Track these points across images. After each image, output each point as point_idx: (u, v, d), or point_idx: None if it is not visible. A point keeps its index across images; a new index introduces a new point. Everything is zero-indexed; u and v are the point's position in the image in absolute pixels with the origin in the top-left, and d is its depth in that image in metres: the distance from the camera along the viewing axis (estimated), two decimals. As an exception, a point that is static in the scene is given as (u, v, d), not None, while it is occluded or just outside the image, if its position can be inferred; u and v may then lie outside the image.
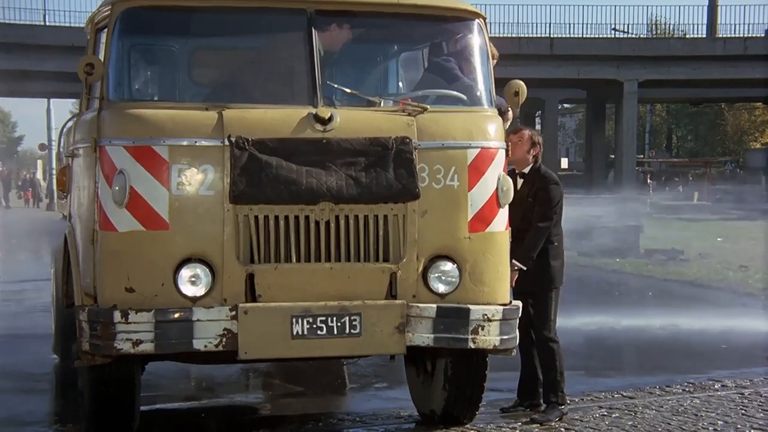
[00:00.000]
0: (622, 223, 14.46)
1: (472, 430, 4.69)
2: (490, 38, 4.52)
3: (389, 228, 4.05)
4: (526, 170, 4.95)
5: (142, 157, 3.84)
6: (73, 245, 4.25)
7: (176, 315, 3.77)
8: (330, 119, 3.99)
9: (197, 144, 3.88)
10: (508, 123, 4.64)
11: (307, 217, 3.96)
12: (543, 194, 4.87)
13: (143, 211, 3.84)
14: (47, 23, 28.98)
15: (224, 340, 3.82)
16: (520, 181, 4.92)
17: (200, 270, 3.86)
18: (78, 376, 4.38)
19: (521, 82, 4.41)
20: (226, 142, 3.89)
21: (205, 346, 3.81)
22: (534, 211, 4.86)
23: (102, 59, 4.06)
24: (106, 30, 4.15)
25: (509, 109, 4.54)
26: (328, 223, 3.99)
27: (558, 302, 4.96)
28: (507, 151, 4.38)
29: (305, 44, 4.09)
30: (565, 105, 47.00)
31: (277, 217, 3.95)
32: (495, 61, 4.58)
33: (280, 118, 4.00)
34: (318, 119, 3.98)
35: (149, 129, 3.87)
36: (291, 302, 3.90)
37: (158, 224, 3.85)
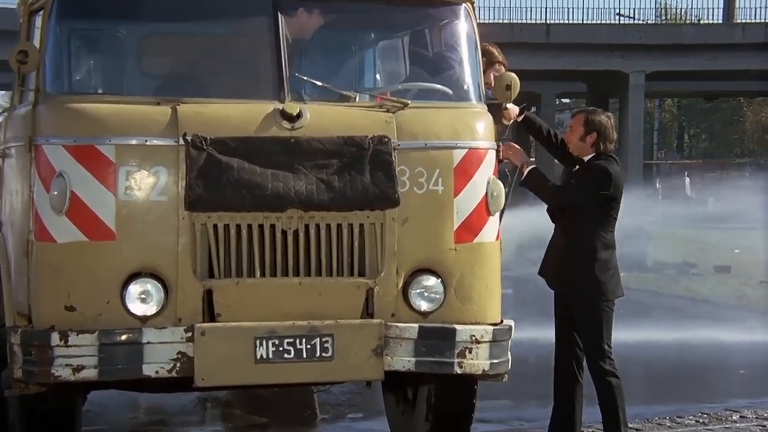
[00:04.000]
0: (627, 232, 14.59)
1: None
2: (480, 25, 4.56)
3: (365, 238, 4.08)
4: (584, 158, 4.84)
5: (84, 158, 3.85)
6: (4, 257, 4.23)
7: (123, 337, 3.78)
8: (298, 116, 4.02)
9: (148, 143, 3.89)
10: (508, 124, 4.72)
11: (272, 226, 3.99)
12: (581, 176, 4.76)
13: (86, 219, 3.85)
14: (-29, 4, 28.69)
15: (178, 364, 3.83)
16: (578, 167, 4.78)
17: (151, 286, 3.89)
18: (8, 407, 4.34)
19: (513, 75, 4.44)
20: (181, 141, 3.91)
21: (157, 372, 3.82)
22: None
23: (37, 46, 4.04)
24: (41, 12, 4.13)
25: (507, 106, 4.60)
26: (296, 233, 4.01)
27: (612, 323, 4.79)
28: (498, 151, 4.42)
29: (270, 30, 4.12)
30: (563, 100, 47.08)
31: (238, 226, 3.97)
32: (502, 67, 4.73)
33: (242, 115, 4.03)
34: (285, 116, 4.01)
35: (92, 126, 3.88)
36: (254, 322, 3.93)
37: (103, 234, 3.86)
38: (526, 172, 4.82)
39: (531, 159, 5.26)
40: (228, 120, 3.99)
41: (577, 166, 4.89)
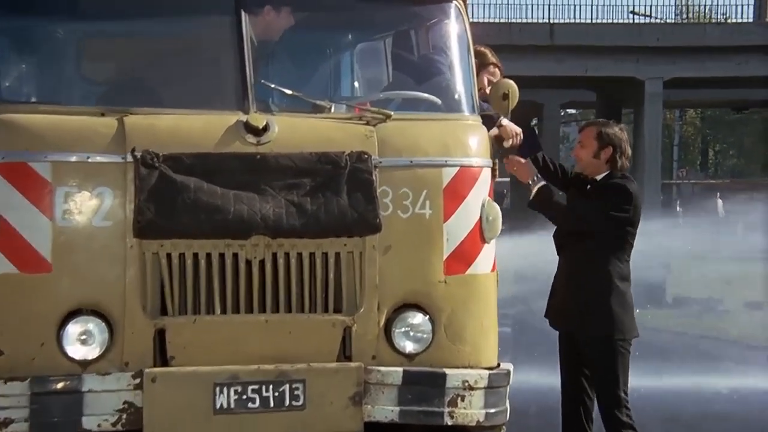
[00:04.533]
0: (644, 263, 14.69)
1: None
2: (473, 25, 4.65)
3: (342, 269, 4.13)
4: (597, 177, 4.91)
5: (15, 177, 3.89)
6: None
7: (60, 385, 3.81)
8: (265, 129, 4.08)
9: (90, 160, 3.94)
10: (511, 143, 4.75)
11: (235, 256, 4.03)
12: (601, 195, 4.78)
13: (17, 248, 3.88)
14: None
15: (125, 416, 3.86)
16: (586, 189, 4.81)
17: (93, 325, 3.93)
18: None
19: (511, 82, 4.54)
20: (129, 158, 3.96)
21: (99, 426, 3.83)
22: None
23: None
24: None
25: (502, 120, 4.64)
26: (262, 263, 4.05)
27: (629, 368, 4.82)
28: (494, 170, 4.50)
29: (232, 31, 4.18)
30: (569, 111, 47.34)
31: (196, 256, 4.02)
32: (497, 70, 4.81)
33: (200, 128, 4.09)
34: (250, 129, 4.07)
35: (25, 140, 3.93)
36: (214, 366, 3.97)
37: (37, 265, 3.89)
38: (534, 191, 4.87)
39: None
40: (184, 133, 4.05)
41: (588, 186, 4.96)
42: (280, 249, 4.05)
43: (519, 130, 4.87)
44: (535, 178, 4.89)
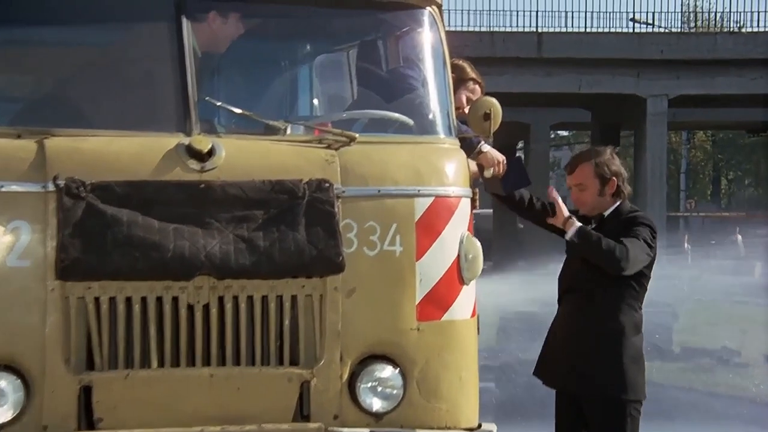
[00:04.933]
0: (647, 308, 14.71)
1: None
2: (450, 35, 4.64)
3: (299, 315, 4.12)
4: (605, 213, 4.92)
5: None
6: None
7: None
8: (210, 153, 4.07)
9: (4, 189, 3.92)
10: (492, 172, 4.73)
11: (175, 300, 4.01)
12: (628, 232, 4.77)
13: None
14: None
15: None
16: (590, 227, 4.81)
17: (6, 382, 3.87)
18: None
19: (493, 100, 4.51)
20: (51, 187, 3.94)
21: None
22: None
23: None
24: None
25: (482, 144, 4.61)
26: (207, 308, 4.03)
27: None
28: (474, 200, 4.50)
29: (172, 40, 4.19)
30: (560, 132, 47.40)
31: (129, 300, 3.99)
32: (477, 87, 4.81)
33: (134, 152, 4.06)
34: (192, 153, 4.06)
35: None
36: (148, 429, 3.91)
37: None
38: (571, 232, 4.79)
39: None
40: (115, 158, 4.02)
41: (594, 224, 4.92)
42: (227, 292, 4.03)
43: (502, 157, 4.87)
44: (568, 218, 4.84)
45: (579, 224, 4.83)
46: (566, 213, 4.84)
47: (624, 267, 4.77)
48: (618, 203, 4.97)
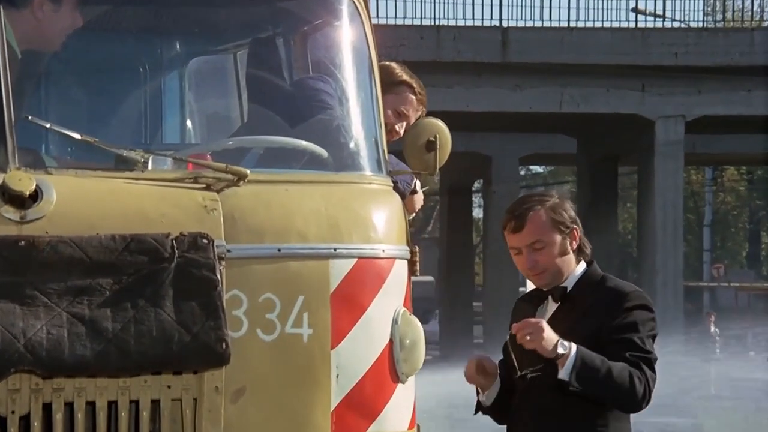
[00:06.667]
0: (661, 409, 13.93)
1: None
2: (379, 29, 4.21)
3: (163, 428, 3.61)
4: (568, 284, 4.25)
5: None
6: None
7: None
8: (34, 197, 3.59)
9: None
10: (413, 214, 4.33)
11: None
12: (624, 321, 4.17)
13: None
14: None
15: None
16: (550, 308, 4.24)
17: None
18: None
19: (440, 123, 4.13)
20: None
21: None
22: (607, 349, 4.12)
23: None
24: None
25: (416, 184, 4.33)
26: (26, 421, 3.50)
27: None
28: (413, 260, 4.07)
29: None
30: (533, 168, 43.68)
31: None
32: (420, 112, 4.43)
33: None
34: (8, 197, 3.57)
35: None
36: None
37: None
38: (568, 367, 4.00)
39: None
40: None
41: (558, 303, 4.23)
42: (57, 397, 3.51)
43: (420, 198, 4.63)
44: (562, 345, 4.05)
45: (575, 349, 4.04)
46: (554, 336, 4.02)
47: (643, 407, 4.18)
48: (585, 268, 4.28)
